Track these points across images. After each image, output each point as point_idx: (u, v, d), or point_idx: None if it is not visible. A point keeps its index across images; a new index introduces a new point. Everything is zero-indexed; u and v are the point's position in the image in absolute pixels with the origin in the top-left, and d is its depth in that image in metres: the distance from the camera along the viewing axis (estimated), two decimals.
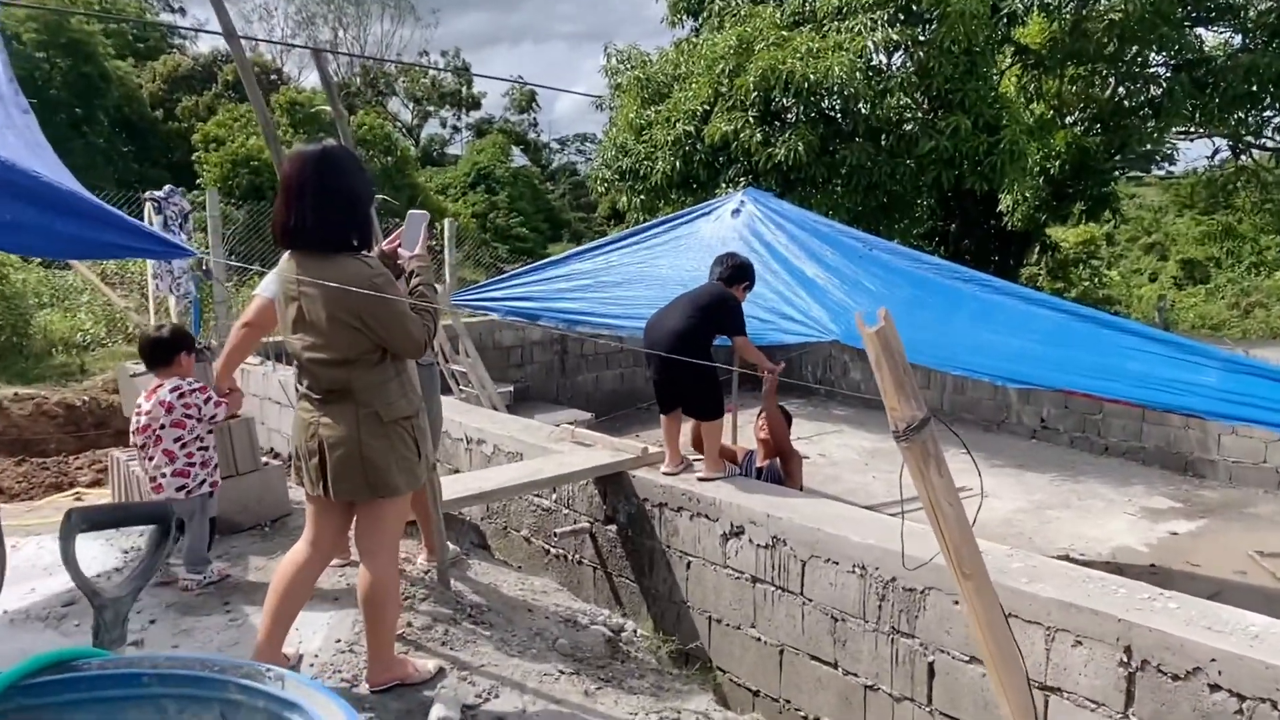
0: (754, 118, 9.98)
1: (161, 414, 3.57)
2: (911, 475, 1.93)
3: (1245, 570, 6.55)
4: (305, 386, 2.68)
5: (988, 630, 1.91)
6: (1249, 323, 18.32)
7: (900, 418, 1.84)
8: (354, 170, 2.63)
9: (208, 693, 1.17)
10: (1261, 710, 2.58)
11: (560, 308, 7.26)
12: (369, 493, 2.63)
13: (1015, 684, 1.92)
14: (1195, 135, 12.48)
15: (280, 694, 1.13)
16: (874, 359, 1.84)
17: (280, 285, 2.66)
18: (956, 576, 1.94)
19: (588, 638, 3.60)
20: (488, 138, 36.93)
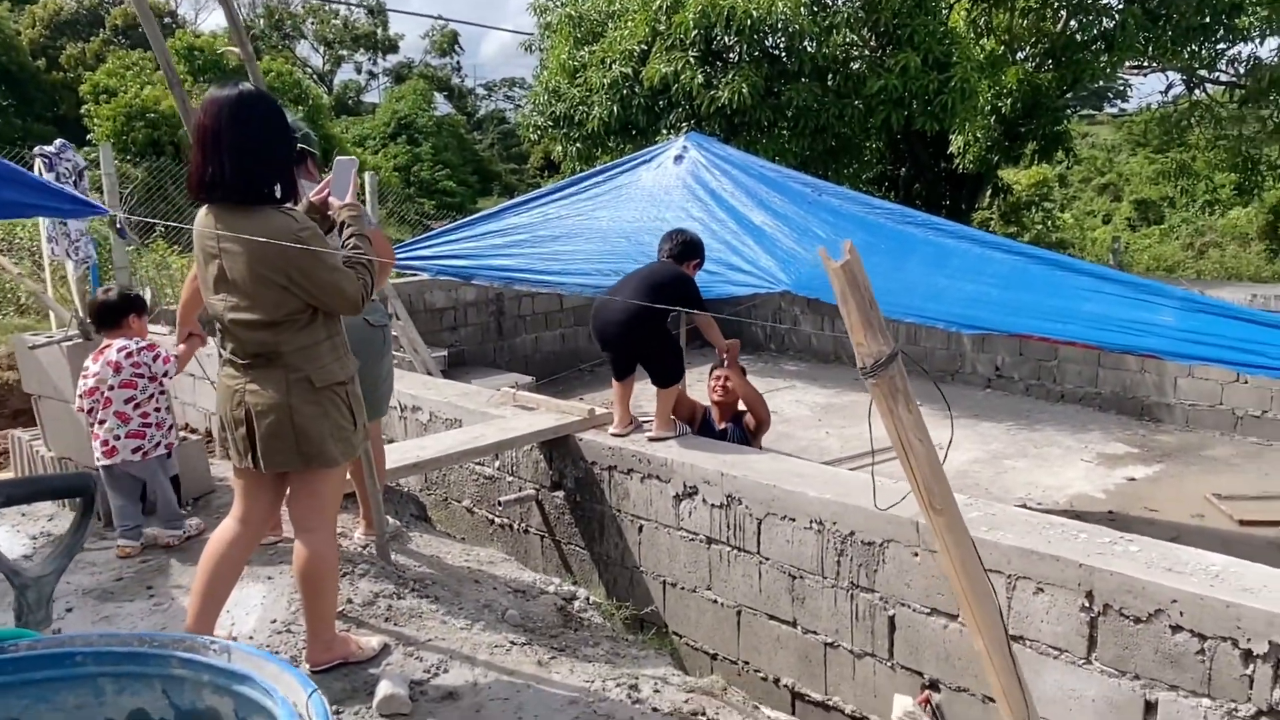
0: (695, 58, 9.93)
1: (110, 374, 3.71)
2: (880, 412, 2.00)
3: (1203, 514, 6.86)
4: (229, 351, 2.63)
5: (960, 565, 1.99)
6: (1204, 263, 18.95)
7: (867, 353, 1.91)
8: (273, 115, 2.57)
9: (147, 669, 1.16)
10: (1223, 649, 2.72)
11: (496, 264, 7.19)
12: (302, 463, 2.61)
13: (989, 618, 2.01)
14: (1148, 70, 12.76)
15: (226, 666, 1.13)
16: (839, 293, 1.89)
17: (198, 242, 2.60)
18: (927, 512, 2.02)
19: (538, 607, 3.64)
20: (407, 84, 36.15)
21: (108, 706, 1.18)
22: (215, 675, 1.13)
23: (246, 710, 1.11)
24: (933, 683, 3.48)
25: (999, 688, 2.07)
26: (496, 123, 42.89)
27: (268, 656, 1.13)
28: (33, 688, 1.17)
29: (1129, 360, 9.19)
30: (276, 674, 1.10)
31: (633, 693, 2.96)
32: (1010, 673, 2.03)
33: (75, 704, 1.16)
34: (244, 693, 1.11)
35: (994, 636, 2.01)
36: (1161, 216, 24.25)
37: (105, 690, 1.17)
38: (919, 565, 3.43)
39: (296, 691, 1.06)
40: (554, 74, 11.65)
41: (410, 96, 32.55)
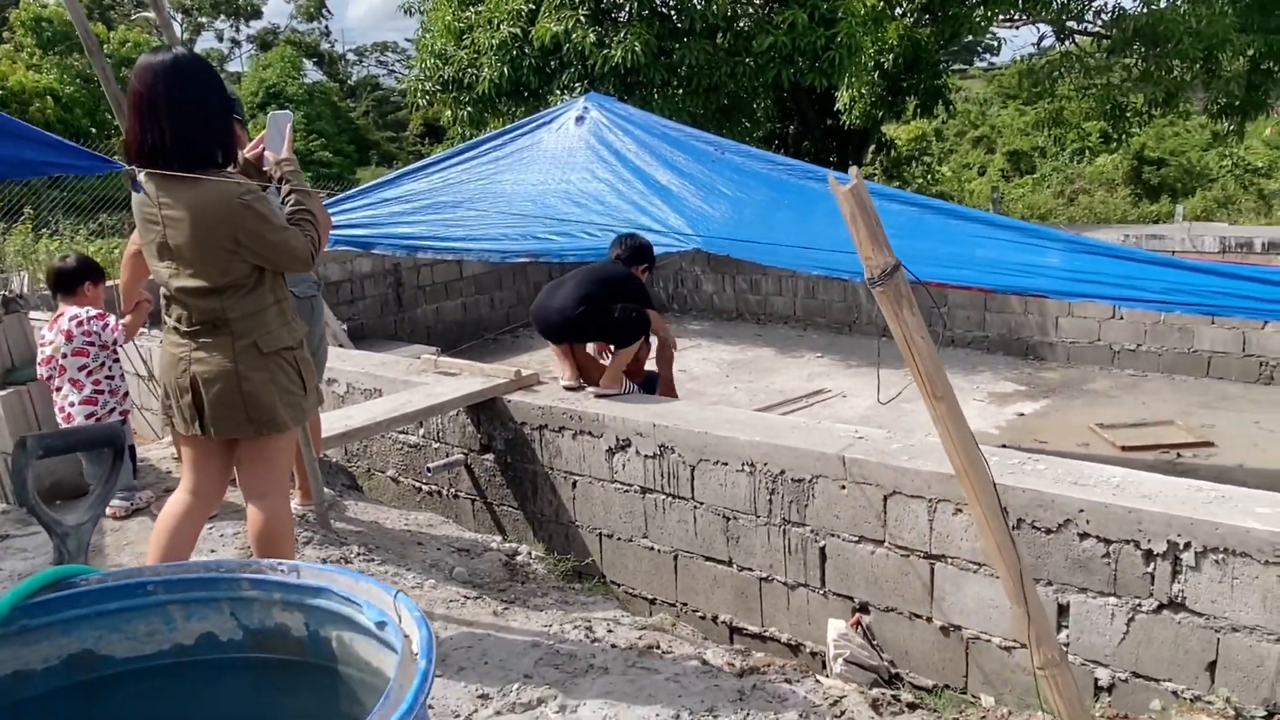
0: (585, 16, 9.97)
1: (62, 343, 3.81)
2: (886, 316, 2.29)
3: (1088, 443, 7.39)
4: (174, 319, 2.63)
5: (958, 444, 2.27)
6: (1074, 210, 20.01)
7: (875, 265, 2.22)
8: (211, 79, 2.58)
9: (216, 593, 1.24)
10: (1126, 551, 3.04)
11: (397, 233, 7.14)
12: (253, 429, 2.64)
13: (984, 488, 2.29)
14: (1020, 23, 13.36)
15: (298, 582, 1.21)
16: (848, 214, 2.15)
17: (138, 211, 2.59)
18: (928, 400, 2.30)
19: (484, 564, 3.76)
20: (274, 51, 34.83)
21: (177, 632, 1.25)
22: (286, 592, 1.22)
23: (318, 622, 1.20)
24: (863, 605, 3.75)
25: (994, 546, 2.38)
26: (371, 89, 41.76)
27: (340, 570, 1.22)
28: (105, 619, 1.24)
29: (1013, 303, 9.75)
30: (352, 584, 1.19)
31: (589, 633, 3.11)
32: (1004, 532, 2.35)
33: (146, 631, 1.23)
34: (318, 605, 1.20)
35: (989, 503, 2.32)
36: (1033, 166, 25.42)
37: (174, 617, 1.24)
38: (846, 497, 3.67)
39: (380, 595, 1.16)
40: (438, 36, 11.49)
41: (278, 64, 31.40)
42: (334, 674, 1.21)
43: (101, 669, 1.23)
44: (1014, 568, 2.37)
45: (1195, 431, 7.38)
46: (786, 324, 11.77)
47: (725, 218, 5.99)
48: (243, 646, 1.24)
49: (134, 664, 1.24)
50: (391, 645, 1.12)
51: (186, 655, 1.25)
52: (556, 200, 6.64)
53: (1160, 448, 7.14)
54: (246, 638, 1.24)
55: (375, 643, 1.16)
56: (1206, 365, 8.78)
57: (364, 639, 1.18)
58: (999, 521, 2.35)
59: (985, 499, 2.31)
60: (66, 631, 1.22)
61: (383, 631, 1.12)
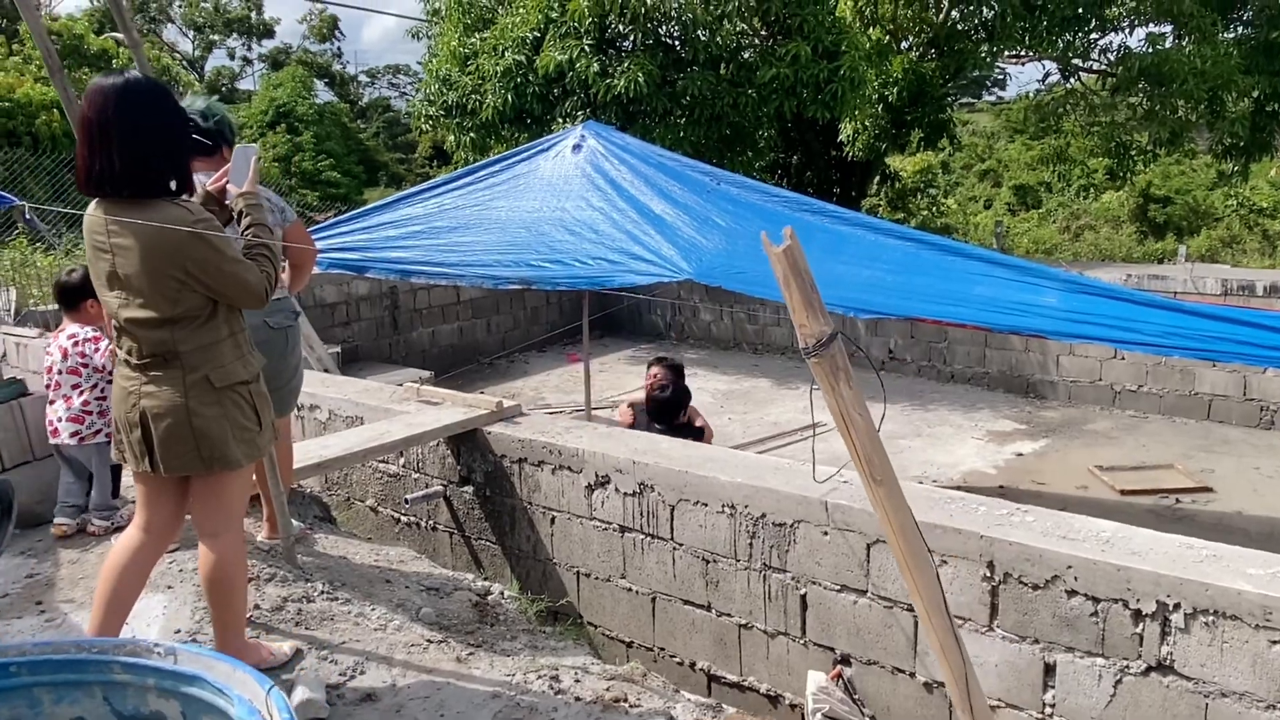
0: (589, 46, 9.95)
1: (59, 359, 3.88)
2: (822, 389, 2.11)
3: (1086, 485, 7.26)
4: (125, 351, 2.54)
5: (899, 532, 2.11)
6: (1079, 245, 19.97)
7: (810, 334, 2.03)
8: (164, 103, 2.48)
9: (86, 676, 1.14)
10: (1114, 610, 2.91)
11: (392, 257, 7.08)
12: (203, 466, 2.54)
13: (927, 582, 2.13)
14: (1026, 59, 13.36)
15: (173, 668, 1.11)
16: (781, 278, 1.99)
17: (88, 239, 2.50)
18: (867, 483, 2.13)
19: (453, 604, 3.64)
20: (285, 70, 34.99)
21: (44, 717, 1.14)
22: (161, 678, 1.12)
23: (195, 711, 1.10)
24: (844, 657, 3.61)
25: (938, 645, 2.20)
26: (381, 111, 41.97)
27: (217, 656, 1.12)
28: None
29: (1014, 340, 9.64)
30: (229, 673, 1.09)
31: (554, 684, 2.99)
32: (948, 631, 2.17)
33: (10, 716, 1.13)
34: (193, 694, 1.10)
35: (931, 599, 2.14)
36: (1039, 201, 25.41)
37: (42, 700, 1.14)
38: (828, 544, 3.55)
39: (253, 688, 1.05)
40: (444, 61, 11.49)
41: (289, 84, 31.54)
42: None
43: None
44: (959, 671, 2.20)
45: (1195, 476, 7.25)
46: (784, 355, 11.68)
47: (719, 249, 5.92)
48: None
49: None
50: None
51: None
52: (551, 228, 6.57)
53: (1159, 492, 7.01)
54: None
55: None
56: (1207, 408, 8.66)
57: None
58: (943, 619, 2.19)
59: (929, 593, 2.16)
60: None
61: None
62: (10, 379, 3.94)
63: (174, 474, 2.57)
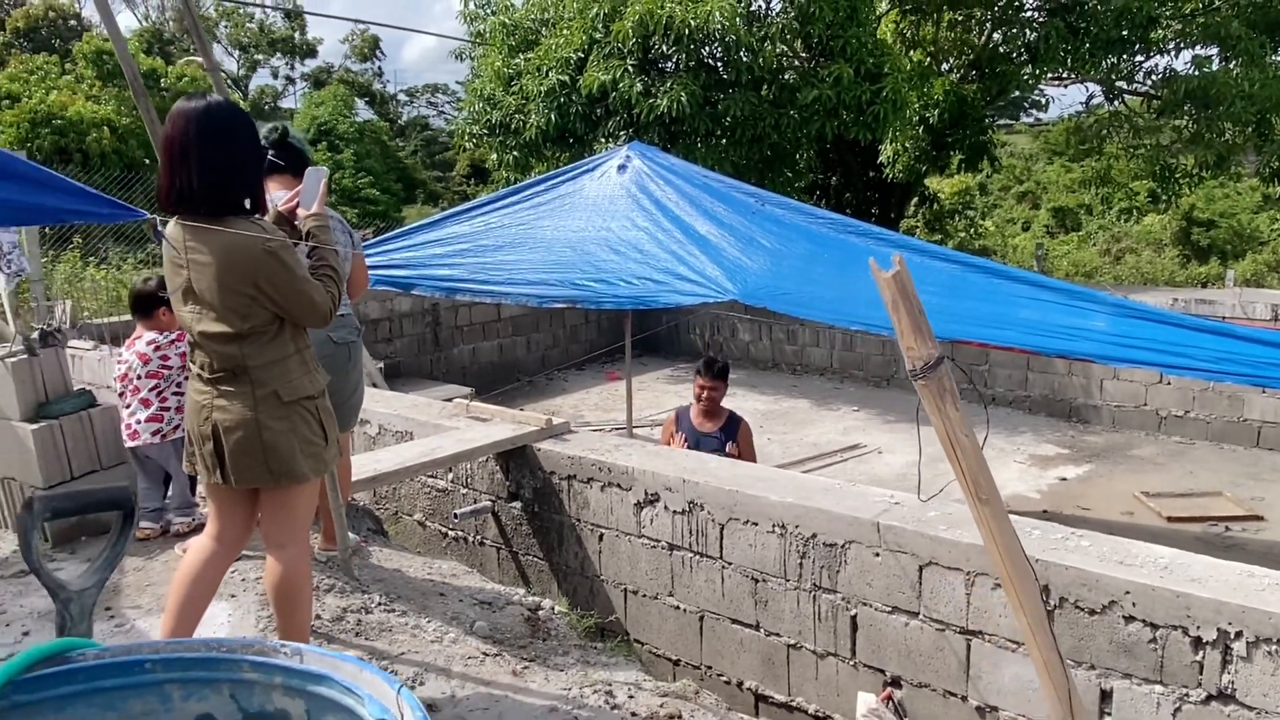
0: (633, 66, 10.05)
1: (138, 365, 3.99)
2: (929, 410, 2.15)
3: (1132, 511, 7.19)
4: (198, 365, 2.63)
5: (1004, 551, 2.15)
6: (1121, 269, 19.77)
7: (917, 357, 2.08)
8: (242, 126, 2.58)
9: (216, 674, 1.19)
10: (1174, 637, 2.90)
11: (437, 274, 7.18)
12: (271, 479, 2.62)
13: (1031, 600, 2.17)
14: (1069, 81, 13.29)
15: (300, 667, 1.16)
16: (890, 302, 2.03)
17: (167, 254, 2.59)
18: (972, 502, 2.17)
19: (505, 618, 3.68)
20: (327, 89, 35.56)
21: (174, 713, 1.20)
22: (288, 677, 1.17)
23: (319, 710, 1.15)
24: (895, 679, 3.61)
25: (1041, 662, 2.24)
26: (420, 129, 42.50)
27: (343, 657, 1.17)
28: (100, 696, 1.19)
29: (1057, 364, 9.57)
30: (356, 672, 1.14)
31: (609, 699, 3.02)
32: (1051, 648, 2.21)
33: (142, 711, 1.19)
34: (319, 693, 1.15)
35: (1035, 614, 2.18)
36: (1079, 223, 25.22)
37: (172, 696, 1.20)
38: (880, 565, 3.56)
39: (382, 688, 1.10)
40: (488, 81, 11.65)
41: (330, 102, 32.06)
42: None
43: None
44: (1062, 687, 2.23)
45: (1244, 504, 7.15)
46: (823, 375, 11.67)
47: (764, 270, 5.95)
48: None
49: None
50: None
51: None
52: (596, 247, 6.63)
53: (1208, 520, 6.92)
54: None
55: None
56: (1256, 435, 8.53)
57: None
58: (1047, 636, 2.22)
59: (1033, 610, 2.19)
60: (60, 709, 1.18)
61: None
62: (80, 389, 4.04)
63: (244, 486, 2.64)
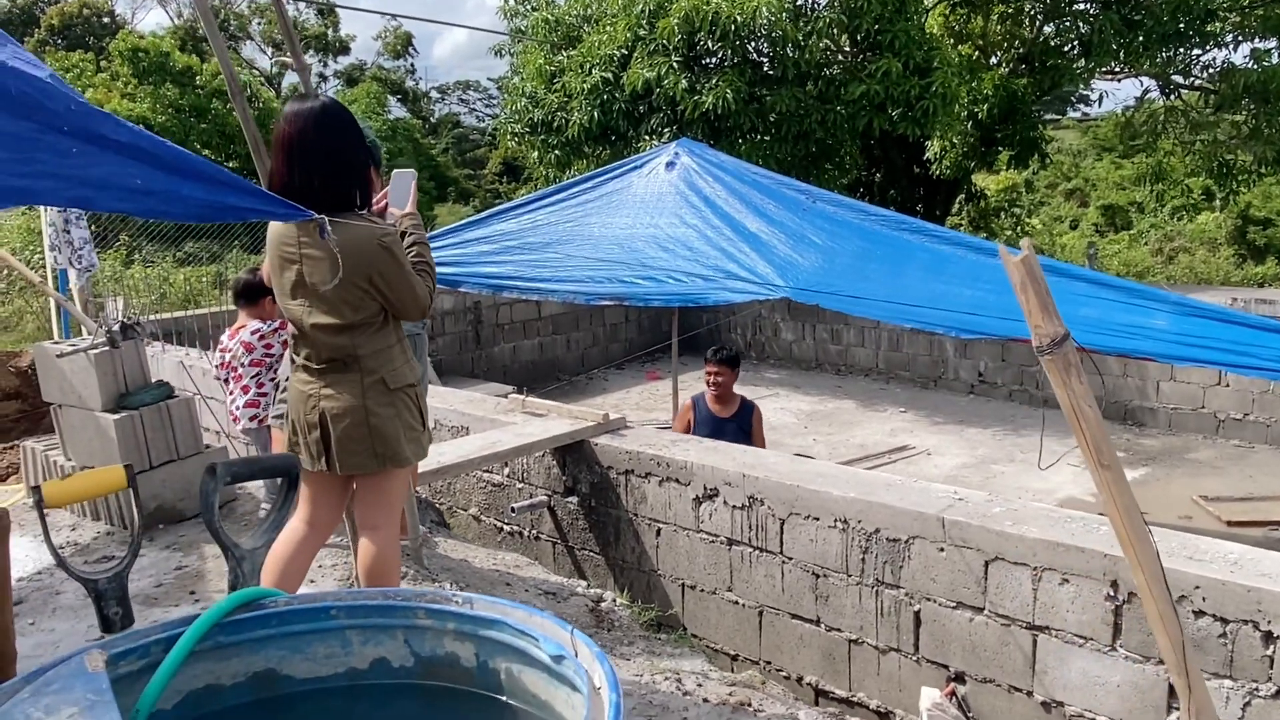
0: (678, 63, 10.18)
1: (242, 353, 4.17)
2: (1054, 385, 2.37)
3: (1190, 515, 7.20)
4: (303, 357, 2.78)
5: (1124, 514, 2.34)
6: (1174, 268, 19.60)
7: (1044, 334, 2.31)
8: (353, 125, 2.75)
9: (393, 620, 1.33)
10: (1244, 631, 2.98)
11: (484, 272, 7.32)
12: (377, 464, 2.77)
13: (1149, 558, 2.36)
14: (1122, 75, 13.27)
15: (472, 613, 1.30)
16: (1018, 284, 2.25)
17: (276, 249, 2.75)
18: (1094, 468, 2.36)
19: (570, 609, 3.82)
20: (360, 86, 36.01)
21: (353, 656, 1.34)
22: (460, 623, 1.30)
23: (488, 653, 1.28)
24: (958, 675, 3.71)
25: (1156, 615, 2.44)
26: (451, 127, 42.90)
27: (514, 604, 1.30)
28: (289, 640, 1.33)
29: (1112, 364, 9.57)
30: (526, 617, 1.27)
31: (679, 685, 3.14)
32: (1168, 602, 2.41)
33: (325, 654, 1.33)
34: (490, 636, 1.28)
35: (1152, 572, 2.37)
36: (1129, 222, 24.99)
37: (352, 641, 1.34)
38: (944, 560, 3.66)
39: (556, 630, 1.23)
40: (529, 79, 11.83)
41: (363, 99, 32.42)
42: (502, 705, 1.29)
43: (281, 688, 1.33)
44: (1176, 640, 2.40)
45: None
46: (868, 376, 11.72)
47: (815, 267, 6.04)
48: (413, 673, 1.33)
49: (311, 684, 1.33)
50: (567, 680, 1.19)
51: (359, 679, 1.34)
52: (643, 244, 6.74)
53: (1269, 524, 6.92)
54: (417, 664, 1.33)
55: (547, 676, 1.23)
56: None
57: (534, 672, 1.25)
58: (1162, 590, 2.40)
59: (1149, 567, 2.39)
60: (254, 650, 1.32)
61: (560, 665, 1.19)
62: (159, 381, 4.23)
63: (349, 472, 2.79)
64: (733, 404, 6.01)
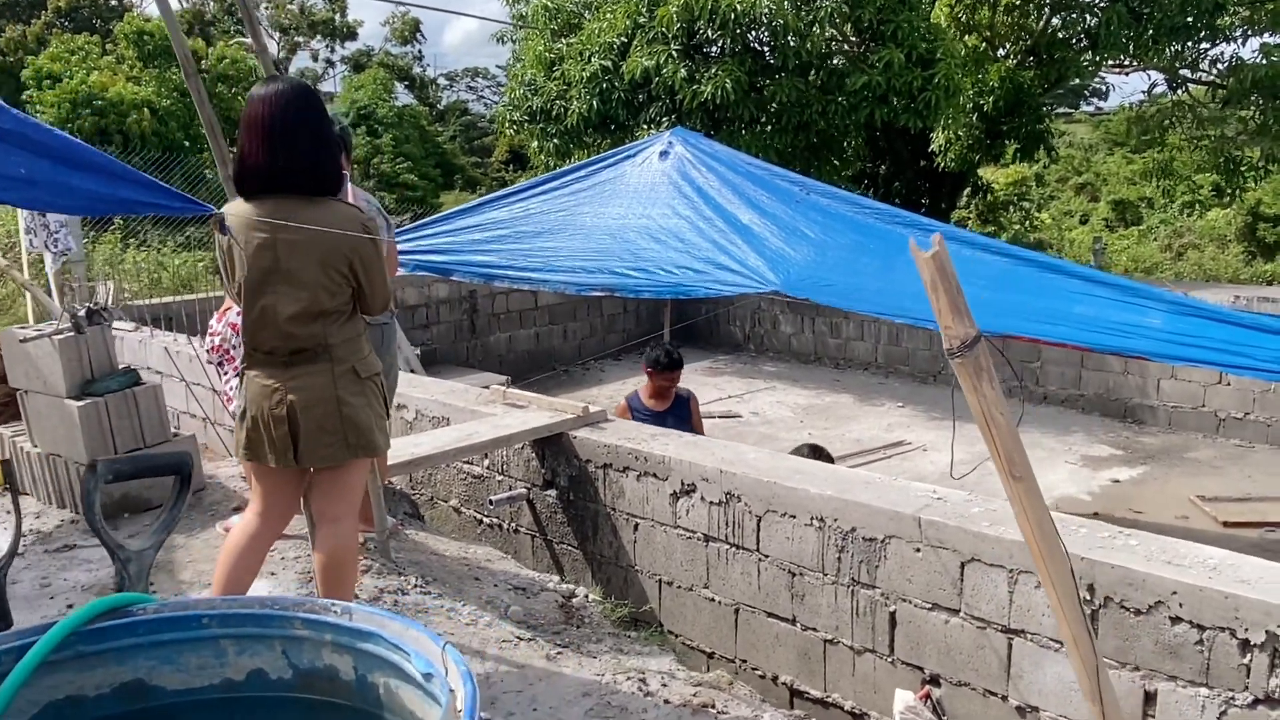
0: (677, 51, 10.09)
1: (231, 335, 4.12)
2: (965, 389, 2.26)
3: (1187, 515, 7.12)
4: (265, 350, 2.70)
5: (1036, 528, 2.23)
6: (1182, 265, 19.44)
7: (955, 335, 2.18)
8: (324, 109, 2.70)
9: (269, 630, 1.27)
10: (1221, 639, 2.91)
11: (475, 260, 7.27)
12: (350, 454, 2.71)
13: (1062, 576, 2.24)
14: (1130, 69, 13.12)
15: (350, 624, 1.24)
16: (929, 282, 2.13)
17: (243, 233, 2.65)
18: (1006, 480, 2.26)
19: (540, 605, 3.77)
20: (367, 73, 35.96)
21: (228, 667, 1.29)
22: (338, 634, 1.25)
23: (367, 666, 1.22)
24: (933, 678, 3.64)
25: (1070, 637, 2.33)
26: (459, 114, 42.81)
27: (390, 615, 1.25)
28: (158, 649, 1.28)
29: (1112, 362, 9.48)
30: (402, 630, 1.21)
31: (642, 686, 3.09)
32: (1081, 624, 2.28)
33: (198, 664, 1.27)
34: (367, 649, 1.23)
35: (1066, 591, 2.26)
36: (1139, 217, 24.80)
37: (227, 651, 1.28)
38: (921, 560, 3.59)
39: (428, 645, 1.17)
40: (530, 66, 11.75)
41: (370, 86, 32.42)
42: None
43: (152, 699, 1.27)
44: (1090, 665, 2.29)
45: None
46: (866, 370, 11.64)
47: (807, 260, 5.97)
48: (291, 686, 1.28)
49: (184, 696, 1.28)
50: (437, 698, 1.13)
51: (236, 690, 1.29)
52: (636, 235, 6.68)
53: (1266, 525, 6.84)
54: (296, 677, 1.27)
55: (421, 693, 1.17)
56: None
57: (410, 688, 1.19)
58: (1075, 611, 2.27)
59: (1063, 586, 2.25)
60: (120, 660, 1.27)
61: (429, 683, 1.14)
62: (125, 368, 4.19)
63: (315, 465, 2.73)
64: (669, 397, 6.01)
